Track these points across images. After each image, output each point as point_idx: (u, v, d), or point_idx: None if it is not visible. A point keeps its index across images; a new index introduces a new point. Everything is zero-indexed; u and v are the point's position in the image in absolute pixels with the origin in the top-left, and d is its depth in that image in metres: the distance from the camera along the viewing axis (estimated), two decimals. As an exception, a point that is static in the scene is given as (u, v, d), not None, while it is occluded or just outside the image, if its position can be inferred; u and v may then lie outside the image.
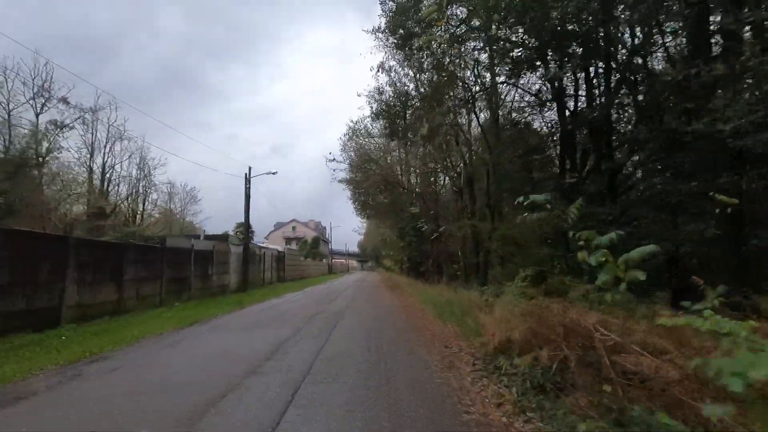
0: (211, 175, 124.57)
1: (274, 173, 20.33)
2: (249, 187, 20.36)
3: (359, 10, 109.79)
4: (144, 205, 49.71)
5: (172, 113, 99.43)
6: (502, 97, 16.49)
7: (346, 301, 16.64)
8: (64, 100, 21.42)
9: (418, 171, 27.67)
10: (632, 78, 11.11)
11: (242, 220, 65.03)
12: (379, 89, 20.03)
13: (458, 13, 13.35)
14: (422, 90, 17.39)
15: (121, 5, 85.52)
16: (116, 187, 37.77)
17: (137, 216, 39.30)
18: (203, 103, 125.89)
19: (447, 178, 23.96)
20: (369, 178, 26.09)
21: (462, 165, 19.77)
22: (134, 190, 41.86)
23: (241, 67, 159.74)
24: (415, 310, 13.01)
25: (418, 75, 17.28)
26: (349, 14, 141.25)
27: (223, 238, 19.73)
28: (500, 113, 15.91)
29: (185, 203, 64.00)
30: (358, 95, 54.33)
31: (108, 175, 39.05)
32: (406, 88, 18.70)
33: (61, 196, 20.69)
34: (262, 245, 30.57)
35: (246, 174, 20.37)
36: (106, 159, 39.05)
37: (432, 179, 26.59)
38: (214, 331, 9.59)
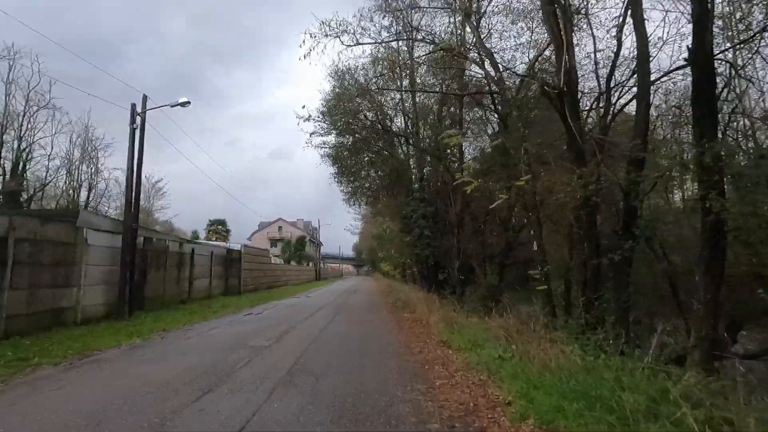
0: (193, 175, 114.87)
1: (184, 104, 10.70)
2: (137, 128, 11.22)
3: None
4: (90, 193, 40.73)
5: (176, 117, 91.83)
6: None
7: (286, 351, 7.58)
8: None
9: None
10: None
11: (219, 216, 51.20)
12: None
13: None
14: None
15: (127, 11, 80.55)
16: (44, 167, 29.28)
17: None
18: (208, 107, 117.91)
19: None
20: (358, 119, 17.09)
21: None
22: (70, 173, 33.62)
23: (245, 72, 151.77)
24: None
25: None
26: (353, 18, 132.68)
27: (71, 214, 10.46)
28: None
29: (149, 196, 54.99)
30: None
31: (26, 152, 30.25)
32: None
33: None
34: (202, 241, 21.58)
35: (134, 106, 11.32)
36: (23, 132, 30.16)
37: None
38: None
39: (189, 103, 11.78)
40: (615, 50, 9.79)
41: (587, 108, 11.69)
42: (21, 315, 7.90)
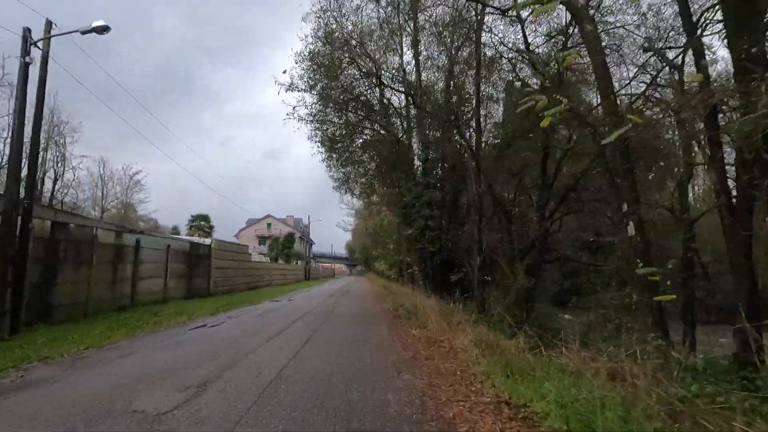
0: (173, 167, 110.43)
1: (102, 29, 7.17)
2: (31, 64, 7.74)
3: None
4: (55, 184, 37.08)
5: (165, 115, 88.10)
6: None
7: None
8: None
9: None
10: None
11: (202, 212, 46.66)
12: None
13: None
14: None
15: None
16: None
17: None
18: (200, 106, 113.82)
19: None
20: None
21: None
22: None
23: (237, 71, 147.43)
24: None
25: None
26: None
27: None
28: None
29: (127, 188, 51.10)
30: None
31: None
32: None
33: None
34: (157, 234, 18.11)
35: (28, 32, 7.84)
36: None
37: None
38: None
39: (108, 29, 8.25)
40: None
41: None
42: None
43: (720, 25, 6.64)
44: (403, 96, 19.10)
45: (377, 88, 16.30)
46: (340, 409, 3.90)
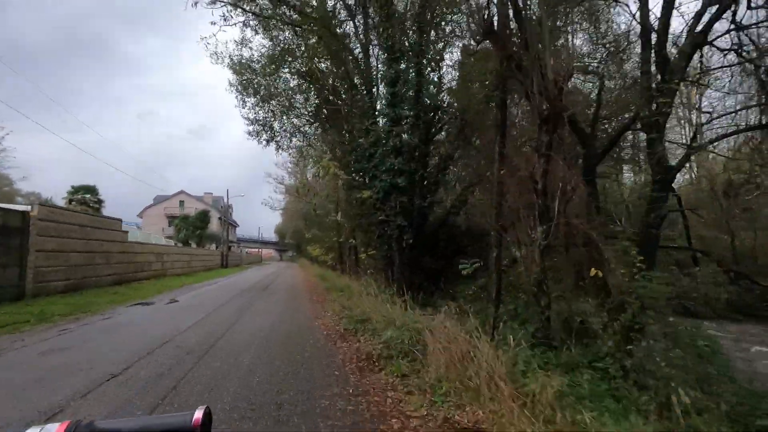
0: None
1: None
2: None
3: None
4: None
5: (74, 82, 71.42)
6: None
7: None
8: None
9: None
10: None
11: (88, 183, 30.90)
12: None
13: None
14: None
15: None
16: None
17: None
18: (115, 75, 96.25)
19: None
20: None
21: None
22: None
23: (160, 40, 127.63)
24: None
25: None
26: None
27: None
28: None
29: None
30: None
31: None
32: None
33: None
34: None
35: None
36: None
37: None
38: None
39: None
40: None
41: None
42: None
43: None
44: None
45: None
46: None
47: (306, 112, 14.52)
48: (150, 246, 20.44)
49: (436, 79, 12.60)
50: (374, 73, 12.53)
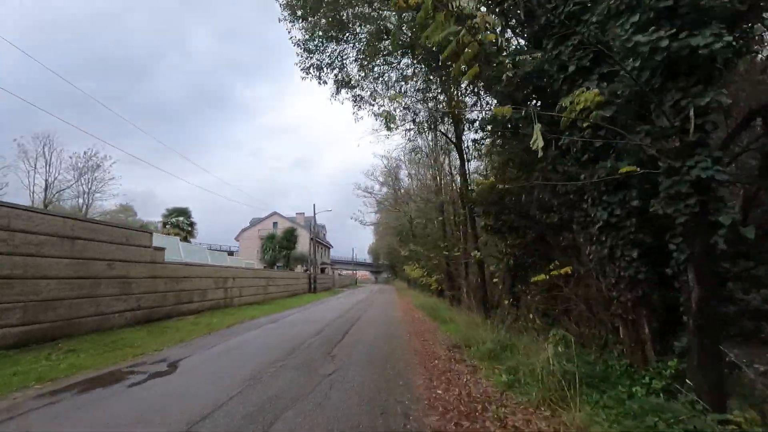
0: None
1: None
2: None
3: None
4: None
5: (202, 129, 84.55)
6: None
7: None
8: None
9: None
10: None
11: (178, 205, 25.77)
12: None
13: None
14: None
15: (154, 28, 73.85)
16: None
17: None
18: (232, 120, 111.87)
19: None
20: None
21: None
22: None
23: (267, 85, 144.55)
24: None
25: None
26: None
27: None
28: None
29: (82, 173, 40.39)
30: None
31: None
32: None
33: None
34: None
35: None
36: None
37: None
38: None
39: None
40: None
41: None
42: None
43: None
44: None
45: None
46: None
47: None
48: (207, 269, 15.83)
49: None
50: None
